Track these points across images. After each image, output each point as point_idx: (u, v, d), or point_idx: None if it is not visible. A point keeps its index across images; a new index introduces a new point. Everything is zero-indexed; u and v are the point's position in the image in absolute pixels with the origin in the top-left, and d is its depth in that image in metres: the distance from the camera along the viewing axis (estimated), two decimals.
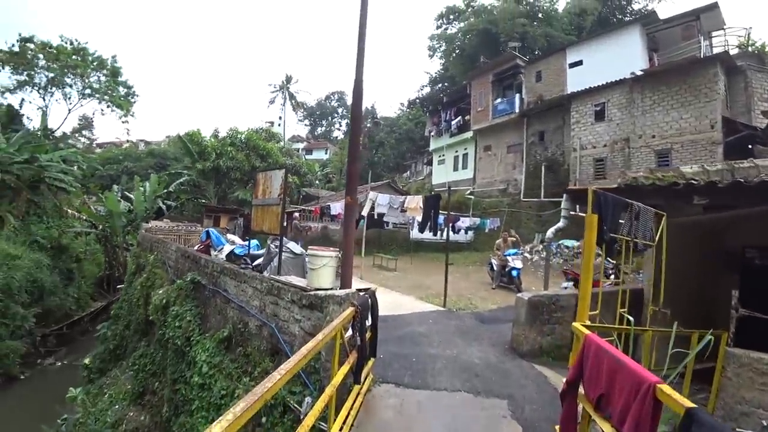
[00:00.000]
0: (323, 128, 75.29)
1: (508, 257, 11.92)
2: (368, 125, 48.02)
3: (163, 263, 12.30)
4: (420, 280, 13.32)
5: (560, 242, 18.88)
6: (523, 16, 34.95)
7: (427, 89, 46.40)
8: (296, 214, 17.28)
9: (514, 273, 11.59)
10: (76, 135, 53.16)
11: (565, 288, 8.21)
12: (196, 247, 12.02)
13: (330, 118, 75.11)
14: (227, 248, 9.84)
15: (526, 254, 19.91)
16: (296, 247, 8.29)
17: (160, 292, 10.47)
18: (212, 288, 7.92)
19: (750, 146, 17.48)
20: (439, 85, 44.33)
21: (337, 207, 15.72)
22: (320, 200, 24.55)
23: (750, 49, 19.17)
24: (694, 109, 16.46)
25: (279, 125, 60.67)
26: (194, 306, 8.70)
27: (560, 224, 6.42)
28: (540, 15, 37.40)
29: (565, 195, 6.21)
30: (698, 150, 16.20)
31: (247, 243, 10.41)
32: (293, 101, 60.60)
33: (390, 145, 42.26)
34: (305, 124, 74.94)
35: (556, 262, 18.01)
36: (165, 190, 21.37)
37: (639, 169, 18.76)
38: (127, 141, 56.80)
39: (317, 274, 5.09)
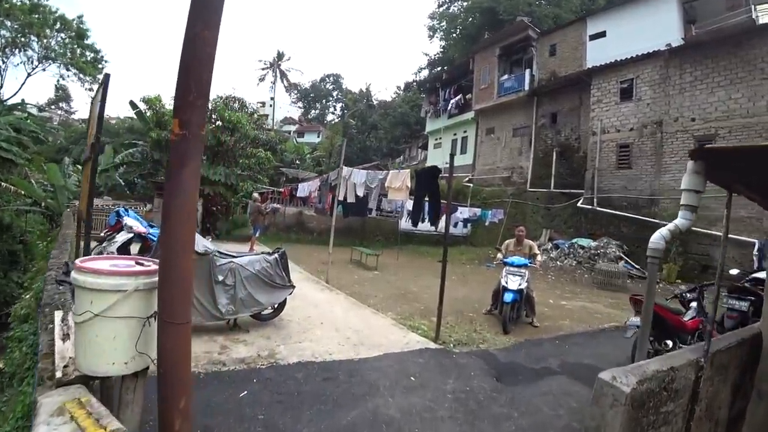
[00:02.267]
0: (317, 111, 71.37)
1: (506, 266, 7.02)
2: (362, 107, 44.50)
3: None
4: (405, 284, 10.04)
5: (574, 241, 15.67)
6: None
7: (425, 72, 42.73)
8: (255, 195, 13.88)
9: (507, 298, 6.55)
10: (53, 107, 49.19)
11: (635, 327, 4.96)
12: (102, 234, 8.65)
13: (324, 101, 71.14)
14: (121, 237, 6.50)
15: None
16: (198, 240, 4.95)
17: (27, 296, 7.13)
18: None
19: None
20: (438, 68, 40.79)
21: (306, 188, 12.38)
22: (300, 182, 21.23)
23: None
24: (747, 87, 13.18)
25: (271, 106, 56.88)
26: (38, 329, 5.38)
27: (681, 219, 2.98)
28: None
29: (691, 163, 2.86)
30: (751, 137, 12.96)
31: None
32: (285, 81, 56.42)
33: (383, 129, 38.73)
34: (298, 107, 71.01)
35: (568, 264, 14.83)
36: (112, 162, 17.84)
37: (674, 158, 15.57)
38: (116, 117, 52.77)
39: (86, 336, 1.77)
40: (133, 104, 18.05)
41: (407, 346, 5.35)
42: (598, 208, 15.60)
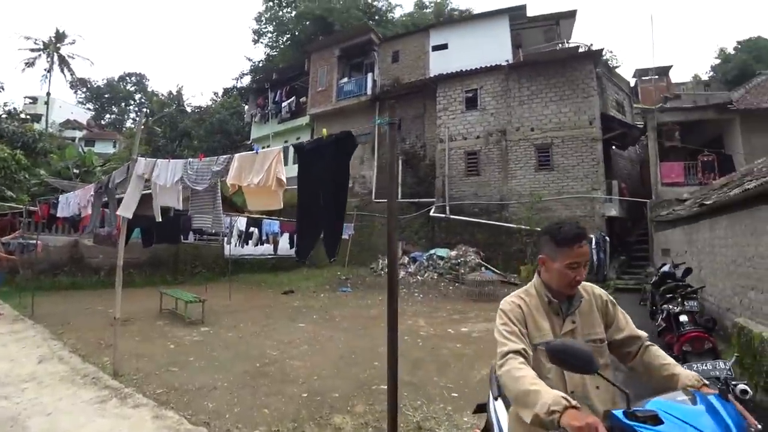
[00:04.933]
0: (113, 116, 57.43)
1: None
2: (171, 111, 36.73)
3: None
4: (255, 346, 6.05)
5: (431, 252, 13.95)
6: (360, 11, 30.74)
7: (248, 78, 37.67)
8: None
9: None
10: None
11: None
12: None
13: (124, 104, 57.75)
14: None
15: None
16: None
17: None
18: None
19: (614, 146, 15.83)
20: (262, 75, 36.49)
21: (71, 202, 7.00)
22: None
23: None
24: (573, 103, 13.78)
25: (46, 103, 41.55)
26: None
27: None
28: (376, 17, 33.76)
29: None
30: (579, 146, 13.50)
31: None
32: (67, 71, 41.91)
33: (198, 138, 32.11)
34: (87, 108, 55.70)
35: (429, 277, 12.92)
36: None
37: (518, 165, 15.42)
38: None
39: None
40: None
41: None
42: (452, 216, 14.33)
